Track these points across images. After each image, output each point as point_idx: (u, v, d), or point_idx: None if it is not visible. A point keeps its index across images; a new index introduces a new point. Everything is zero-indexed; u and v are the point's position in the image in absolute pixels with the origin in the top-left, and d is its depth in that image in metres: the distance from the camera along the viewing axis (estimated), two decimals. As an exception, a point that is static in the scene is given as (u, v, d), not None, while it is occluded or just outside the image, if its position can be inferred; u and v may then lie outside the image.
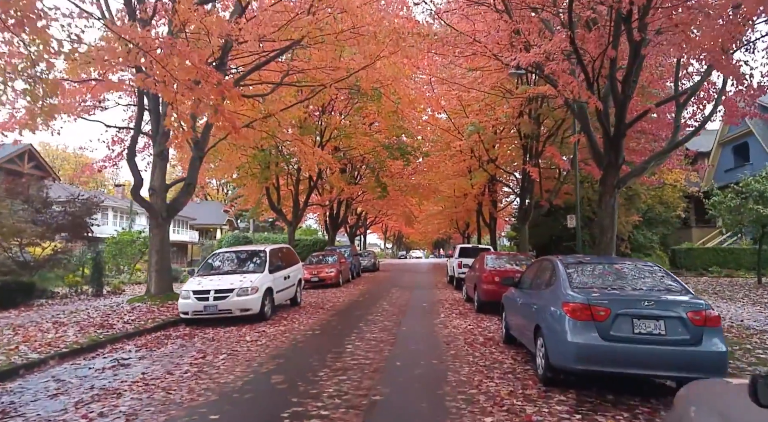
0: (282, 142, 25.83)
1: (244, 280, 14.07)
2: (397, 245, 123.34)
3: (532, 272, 9.35)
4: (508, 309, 10.26)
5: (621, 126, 15.48)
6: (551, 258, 8.59)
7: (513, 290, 10.10)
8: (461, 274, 23.01)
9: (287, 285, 16.49)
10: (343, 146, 31.94)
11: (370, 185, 35.25)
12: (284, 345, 10.68)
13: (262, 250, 15.94)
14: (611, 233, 16.25)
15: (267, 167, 29.46)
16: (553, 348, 6.92)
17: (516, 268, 15.52)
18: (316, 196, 39.01)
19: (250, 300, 13.75)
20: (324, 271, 25.81)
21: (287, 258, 17.52)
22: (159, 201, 17.26)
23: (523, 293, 9.13)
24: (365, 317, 14.54)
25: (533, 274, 9.19)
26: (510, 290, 10.48)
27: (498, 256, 16.91)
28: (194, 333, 12.59)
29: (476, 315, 14.92)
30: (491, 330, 12.32)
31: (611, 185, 16.10)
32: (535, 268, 9.38)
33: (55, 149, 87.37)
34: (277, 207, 32.68)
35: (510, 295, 10.22)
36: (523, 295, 9.08)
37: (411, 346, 10.28)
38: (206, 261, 16.16)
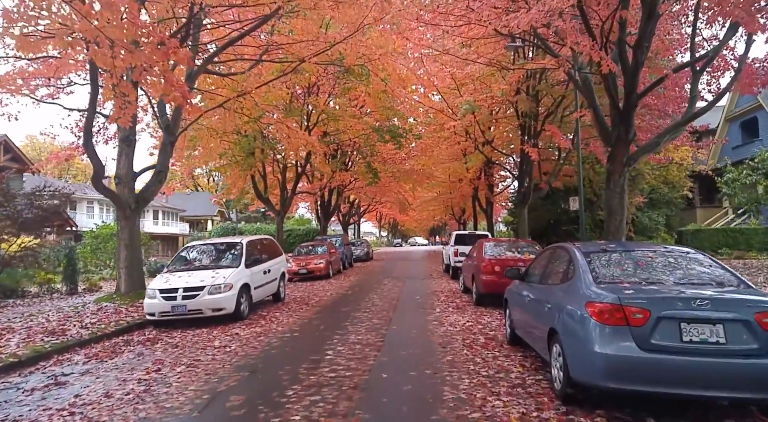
0: (266, 126, 24.24)
1: (216, 276, 12.62)
2: (392, 233, 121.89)
3: (543, 263, 7.90)
4: (513, 306, 8.84)
5: (632, 97, 14.06)
6: (566, 246, 7.15)
7: (518, 284, 8.68)
8: (457, 263, 21.60)
9: (268, 280, 15.06)
10: (332, 129, 30.43)
11: (361, 171, 33.75)
12: (255, 351, 9.25)
13: (238, 242, 14.47)
14: (621, 215, 14.91)
15: (251, 153, 27.96)
16: (574, 360, 5.51)
17: (518, 256, 14.11)
18: (306, 184, 37.61)
19: (223, 299, 12.32)
20: (312, 262, 24.39)
21: (268, 250, 16.08)
22: (126, 191, 15.78)
23: (532, 287, 7.70)
24: (352, 314, 13.13)
25: (544, 265, 7.75)
26: (515, 284, 9.07)
27: (497, 243, 15.48)
28: (159, 337, 11.16)
29: (475, 309, 13.53)
30: (492, 327, 10.93)
31: (620, 162, 14.73)
32: (546, 258, 7.93)
33: (42, 142, 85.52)
34: (263, 196, 31.20)
35: (515, 289, 8.80)
36: (531, 290, 7.65)
37: (401, 351, 8.86)
38: (177, 256, 14.70)
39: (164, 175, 16.66)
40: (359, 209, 63.03)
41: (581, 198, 21.45)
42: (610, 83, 14.51)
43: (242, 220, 72.93)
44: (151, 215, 63.67)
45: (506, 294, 9.55)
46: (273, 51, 19.26)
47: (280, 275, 16.33)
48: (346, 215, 55.36)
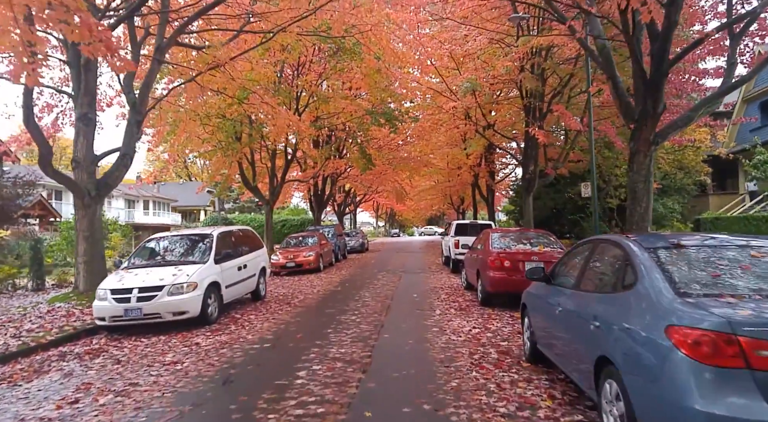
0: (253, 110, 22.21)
1: (178, 274, 10.75)
2: (389, 223, 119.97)
3: (580, 262, 5.97)
4: (535, 314, 6.99)
5: (663, 64, 12.20)
6: (617, 239, 5.19)
7: (543, 287, 6.81)
8: (459, 255, 19.77)
9: (244, 277, 13.20)
10: (323, 113, 28.45)
11: (355, 158, 31.82)
12: (211, 370, 7.38)
13: (208, 234, 12.58)
14: (647, 201, 13.11)
15: (237, 138, 26.03)
16: (649, 414, 3.65)
17: (531, 249, 12.23)
18: (299, 172, 35.74)
19: (187, 300, 10.46)
20: (301, 255, 22.54)
21: (245, 243, 14.21)
22: (85, 176, 13.86)
23: (565, 294, 5.81)
24: (338, 317, 11.26)
25: (582, 265, 5.83)
26: (536, 286, 7.20)
27: (505, 233, 13.58)
28: (105, 348, 9.30)
29: (481, 311, 11.67)
30: (504, 335, 9.08)
31: (646, 140, 12.89)
32: (585, 255, 5.96)
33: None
34: (251, 184, 29.28)
35: (538, 294, 6.94)
36: (565, 297, 5.76)
37: (392, 372, 6.99)
38: (137, 250, 12.79)
39: (129, 158, 14.72)
40: (355, 198, 61.11)
41: (593, 184, 19.59)
42: (636, 48, 12.67)
43: (236, 210, 71.06)
44: (142, 205, 61.80)
45: (525, 298, 7.69)
46: (255, 23, 17.38)
47: (259, 271, 14.47)
48: (342, 204, 53.49)
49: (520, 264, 11.60)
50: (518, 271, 11.54)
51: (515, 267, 11.59)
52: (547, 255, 11.78)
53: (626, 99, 13.76)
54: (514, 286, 11.50)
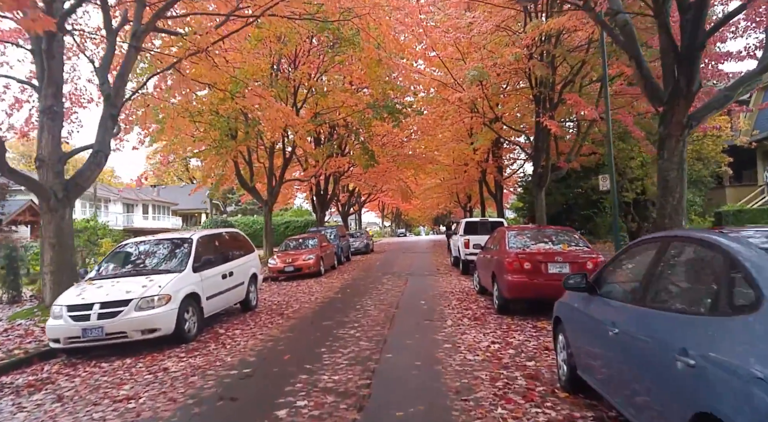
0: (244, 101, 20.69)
1: (149, 285, 9.30)
2: (395, 222, 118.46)
3: (645, 268, 4.37)
4: (574, 332, 5.51)
5: (697, 34, 10.73)
6: (709, 237, 3.52)
7: (583, 299, 5.32)
8: (469, 256, 18.29)
9: (230, 285, 11.74)
10: (323, 108, 27.01)
11: (357, 155, 30.34)
12: (168, 411, 5.87)
13: (187, 239, 11.14)
14: (680, 192, 11.59)
15: (233, 136, 24.62)
16: None
17: (554, 249, 10.73)
18: (300, 172, 34.33)
19: (158, 316, 9.01)
20: (300, 258, 21.08)
21: (232, 247, 12.77)
22: (50, 176, 12.39)
23: (624, 311, 4.29)
24: (335, 331, 9.80)
25: (649, 272, 4.24)
26: (572, 297, 5.71)
27: (523, 231, 12.10)
28: (54, 378, 7.84)
29: (498, 320, 10.20)
30: (529, 352, 7.61)
31: (679, 123, 11.38)
32: (651, 259, 4.29)
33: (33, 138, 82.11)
34: (248, 185, 27.82)
35: (578, 307, 5.44)
36: (623, 316, 4.23)
37: (395, 409, 5.48)
38: (106, 258, 11.33)
39: (104, 156, 13.28)
40: (359, 198, 59.65)
41: (612, 176, 18.02)
42: (666, 20, 11.22)
43: (238, 213, 69.72)
44: (141, 209, 60.59)
45: (558, 310, 6.21)
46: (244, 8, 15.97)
47: (249, 278, 13.01)
48: (346, 204, 52.06)
49: (541, 266, 10.11)
50: (540, 274, 10.08)
51: (536, 270, 10.11)
52: (573, 256, 10.30)
53: (652, 80, 12.29)
54: (535, 291, 10.09)
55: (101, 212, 50.27)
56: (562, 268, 10.03)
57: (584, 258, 10.14)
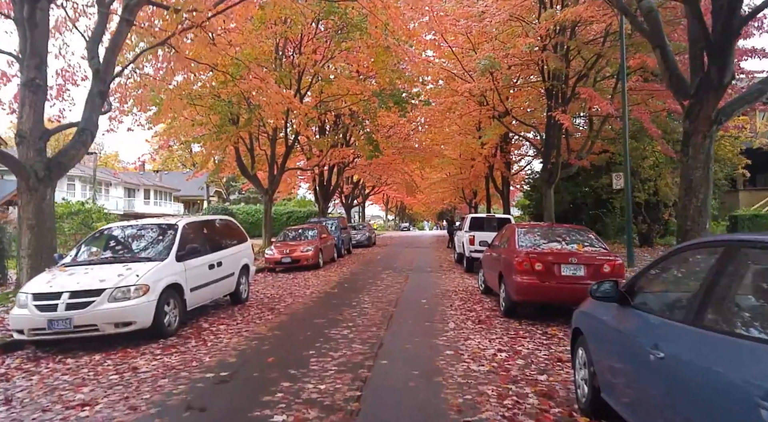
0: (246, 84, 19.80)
1: (126, 274, 8.51)
2: (399, 216, 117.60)
3: (699, 281, 3.44)
4: (599, 349, 4.67)
5: (732, 19, 9.93)
6: None
7: (611, 311, 4.49)
8: (474, 253, 17.48)
9: (217, 276, 10.95)
10: (327, 95, 26.16)
11: (360, 144, 29.51)
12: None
13: (173, 225, 10.34)
14: (705, 192, 10.84)
15: (234, 121, 23.82)
16: None
17: (569, 249, 9.89)
18: (304, 161, 33.52)
19: (134, 307, 8.22)
20: (298, 250, 20.29)
21: (222, 236, 11.99)
22: (31, 153, 11.61)
23: (672, 332, 3.43)
24: (326, 331, 8.99)
25: (707, 286, 3.31)
26: (596, 306, 4.89)
27: (532, 229, 11.27)
28: (12, 374, 7.08)
29: (505, 324, 9.39)
30: (540, 363, 6.81)
31: (707, 118, 10.59)
32: (709, 270, 3.36)
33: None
34: (249, 172, 26.99)
35: (604, 319, 4.61)
36: (670, 337, 3.39)
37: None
38: (84, 242, 10.51)
39: (90, 134, 12.50)
40: (364, 190, 58.81)
41: (627, 174, 17.18)
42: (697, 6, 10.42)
43: (241, 201, 68.98)
44: (142, 194, 59.94)
45: (578, 321, 5.40)
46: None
47: (240, 269, 12.21)
48: (349, 196, 51.23)
49: (554, 268, 9.28)
50: (552, 276, 9.26)
51: (548, 271, 9.28)
52: (589, 257, 9.47)
53: (678, 71, 11.50)
54: (546, 295, 9.29)
55: (101, 195, 49.61)
56: (576, 270, 9.22)
57: (601, 260, 9.31)
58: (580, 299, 5.65)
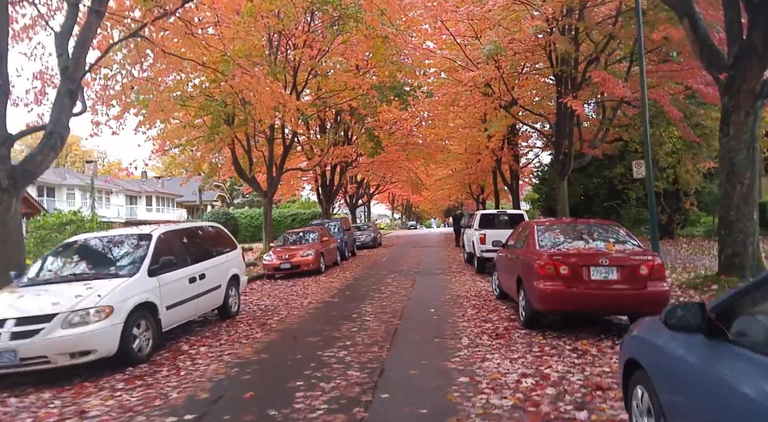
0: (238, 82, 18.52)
1: (86, 294, 7.30)
2: (406, 214, 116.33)
3: None
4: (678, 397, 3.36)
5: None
6: None
7: (694, 345, 3.21)
8: (486, 253, 16.22)
9: (200, 291, 9.72)
10: (324, 92, 24.98)
11: (361, 141, 28.28)
12: None
13: (146, 235, 9.13)
14: (751, 176, 9.53)
15: (229, 121, 22.67)
16: None
17: (597, 248, 8.59)
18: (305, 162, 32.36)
19: (94, 334, 7.02)
20: (298, 254, 19.09)
21: (206, 245, 10.80)
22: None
23: None
24: (320, 353, 7.72)
25: None
26: (660, 333, 3.61)
27: (553, 226, 9.95)
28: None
29: (527, 338, 8.10)
30: (575, 393, 5.53)
31: (750, 92, 9.31)
32: None
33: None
34: (246, 175, 25.82)
35: (683, 354, 3.31)
36: None
37: None
38: (46, 257, 9.29)
39: (59, 138, 11.30)
40: (368, 189, 57.57)
41: (649, 161, 15.75)
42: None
43: (244, 205, 67.98)
44: (144, 201, 58.92)
45: (634, 349, 4.11)
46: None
47: (228, 281, 11.00)
48: (354, 196, 50.02)
49: (582, 271, 8.00)
50: (580, 280, 7.98)
51: (576, 275, 8.00)
52: (622, 257, 8.17)
53: (710, 41, 10.24)
54: (574, 303, 8.02)
55: (101, 203, 48.61)
56: (608, 273, 7.94)
57: (637, 261, 8.02)
58: (613, 308, 4.50)
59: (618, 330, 8.50)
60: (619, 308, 8.21)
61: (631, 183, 27.66)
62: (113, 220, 44.83)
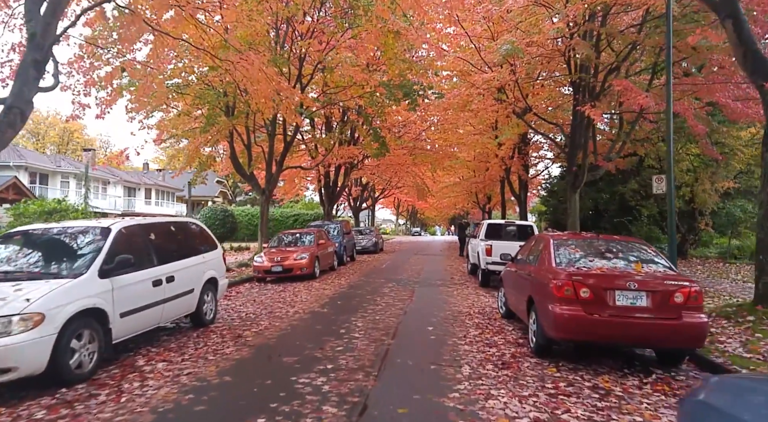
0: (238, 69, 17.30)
1: (10, 298, 6.10)
2: (411, 221, 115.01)
3: None
4: None
5: None
6: None
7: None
8: (491, 265, 15.04)
9: (167, 295, 8.50)
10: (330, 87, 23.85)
11: (366, 142, 27.11)
12: None
13: (105, 229, 7.93)
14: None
15: (229, 113, 21.55)
16: None
17: (623, 269, 7.39)
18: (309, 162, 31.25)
19: (15, 347, 5.78)
20: (291, 257, 17.90)
21: (179, 243, 9.60)
22: (-57, 137, 9.36)
23: None
24: (292, 380, 6.50)
25: None
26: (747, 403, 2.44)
27: (569, 241, 8.71)
28: None
29: (538, 369, 6.90)
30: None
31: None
32: None
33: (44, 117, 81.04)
34: (245, 171, 24.63)
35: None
36: None
37: None
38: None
39: (19, 114, 10.06)
40: (373, 193, 56.34)
41: (671, 177, 14.52)
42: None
43: (247, 202, 66.80)
44: (143, 193, 57.86)
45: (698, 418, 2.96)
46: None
47: (203, 285, 9.82)
48: (358, 199, 48.80)
49: (606, 295, 6.80)
50: (603, 306, 6.78)
51: (598, 299, 6.80)
52: (653, 281, 6.95)
53: (755, 46, 9.12)
54: (595, 332, 6.83)
55: (98, 194, 47.57)
56: (636, 299, 6.74)
57: (671, 286, 6.82)
58: (640, 340, 3.46)
59: (642, 362, 7.32)
60: (648, 341, 6.97)
61: (644, 200, 26.50)
62: (108, 211, 43.79)
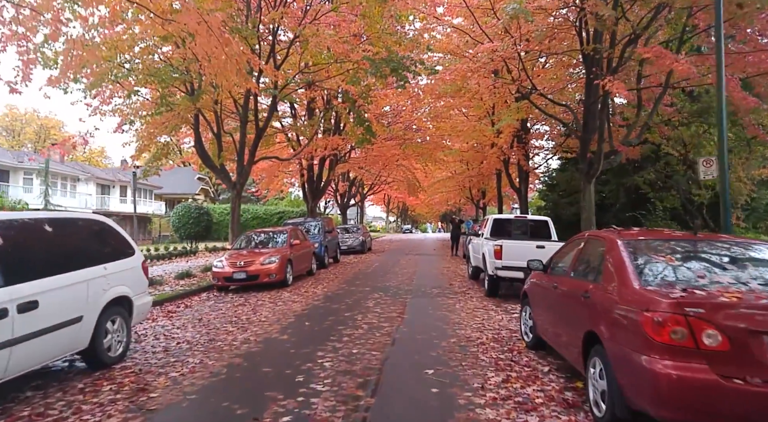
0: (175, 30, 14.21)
1: None
2: (402, 217, 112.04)
3: None
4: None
5: None
6: None
7: None
8: (503, 271, 12.05)
9: (18, 333, 5.46)
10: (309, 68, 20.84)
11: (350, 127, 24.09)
12: None
13: None
14: None
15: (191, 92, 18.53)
16: None
17: (761, 289, 4.43)
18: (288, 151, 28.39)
19: None
20: (257, 261, 14.88)
21: (63, 250, 6.58)
22: None
23: None
24: None
25: None
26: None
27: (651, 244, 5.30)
28: None
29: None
30: None
31: None
32: None
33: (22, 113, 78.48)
34: (213, 162, 21.54)
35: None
36: None
37: None
38: None
39: None
40: (362, 188, 53.31)
41: (724, 159, 11.54)
42: None
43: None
44: (118, 191, 54.54)
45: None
46: None
47: (103, 307, 6.80)
48: (345, 195, 45.79)
49: (753, 343, 3.82)
50: (752, 362, 3.78)
51: (741, 350, 3.79)
52: None
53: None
54: (737, 411, 3.77)
55: (66, 191, 44.33)
56: None
57: None
58: None
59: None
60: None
61: (663, 191, 23.69)
62: (76, 209, 40.61)
